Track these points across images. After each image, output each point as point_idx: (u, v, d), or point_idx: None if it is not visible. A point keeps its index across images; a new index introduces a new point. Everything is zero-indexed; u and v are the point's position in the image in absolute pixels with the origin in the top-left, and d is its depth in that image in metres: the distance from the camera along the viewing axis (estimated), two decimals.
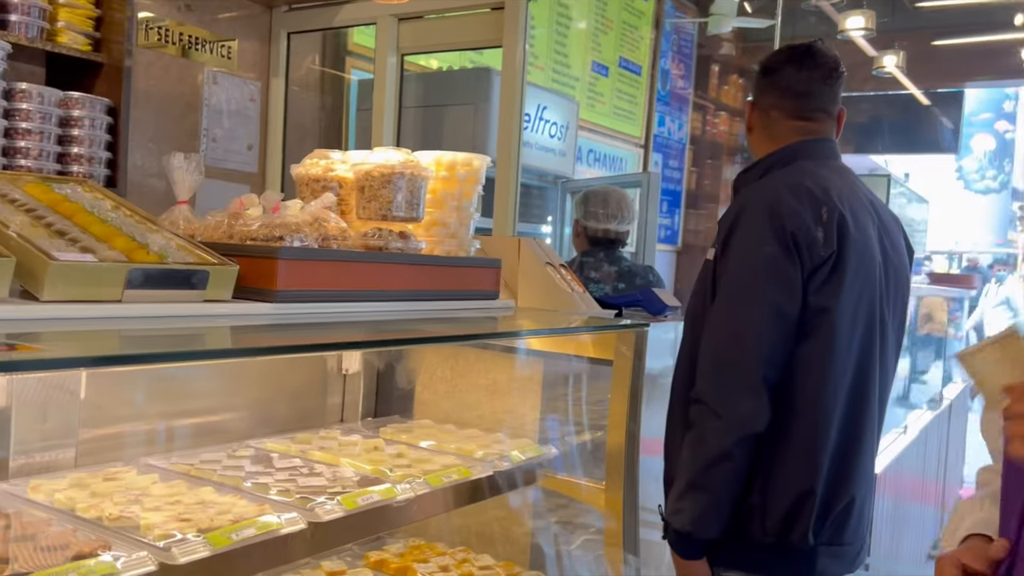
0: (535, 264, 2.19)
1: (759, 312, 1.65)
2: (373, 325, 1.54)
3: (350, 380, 2.14)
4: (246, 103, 3.79)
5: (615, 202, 3.36)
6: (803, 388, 1.69)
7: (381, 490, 1.46)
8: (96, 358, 1.04)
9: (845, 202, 1.75)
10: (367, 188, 1.67)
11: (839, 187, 1.79)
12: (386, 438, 1.87)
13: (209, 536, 1.18)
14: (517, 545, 2.01)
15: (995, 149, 18.15)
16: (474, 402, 2.07)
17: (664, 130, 6.72)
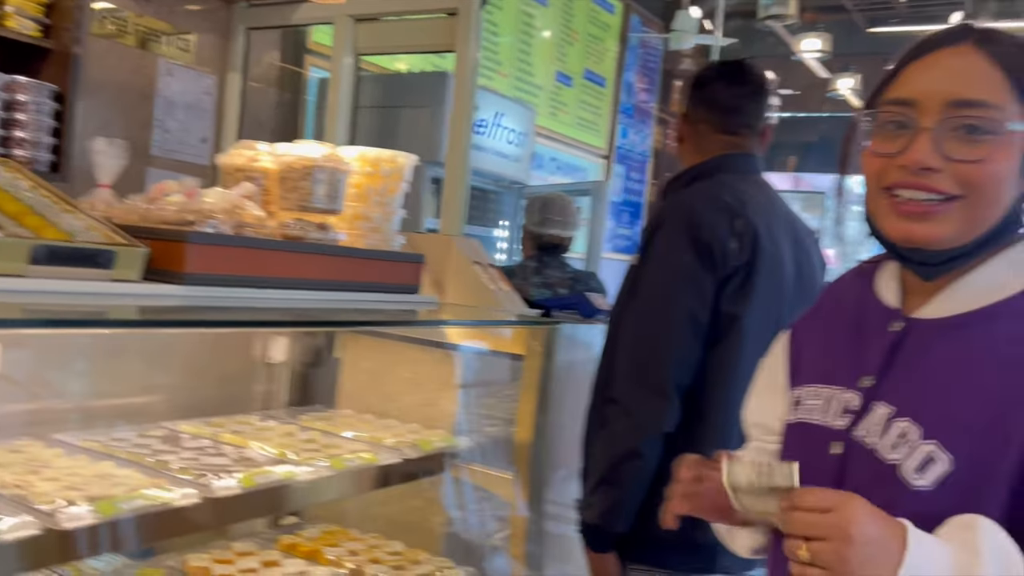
0: (464, 263, 2.24)
1: (672, 317, 1.72)
2: (284, 311, 1.58)
3: (275, 369, 2.18)
4: (201, 96, 3.82)
5: (559, 208, 3.43)
6: (711, 392, 1.76)
7: (282, 471, 1.50)
8: None
9: (760, 214, 1.82)
10: (288, 179, 1.72)
11: (756, 200, 1.86)
12: (302, 425, 1.91)
13: (98, 505, 1.22)
14: (431, 534, 2.06)
15: None
16: (395, 394, 2.12)
17: (627, 142, 6.82)
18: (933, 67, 0.96)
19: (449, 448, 1.86)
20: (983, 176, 0.92)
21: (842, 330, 1.09)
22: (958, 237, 0.95)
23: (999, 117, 0.92)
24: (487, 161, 4.22)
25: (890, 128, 0.96)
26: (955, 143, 0.92)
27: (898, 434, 0.95)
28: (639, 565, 1.82)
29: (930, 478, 0.91)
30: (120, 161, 1.65)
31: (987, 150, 0.92)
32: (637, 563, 1.82)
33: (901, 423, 0.95)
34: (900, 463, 0.94)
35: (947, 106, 0.93)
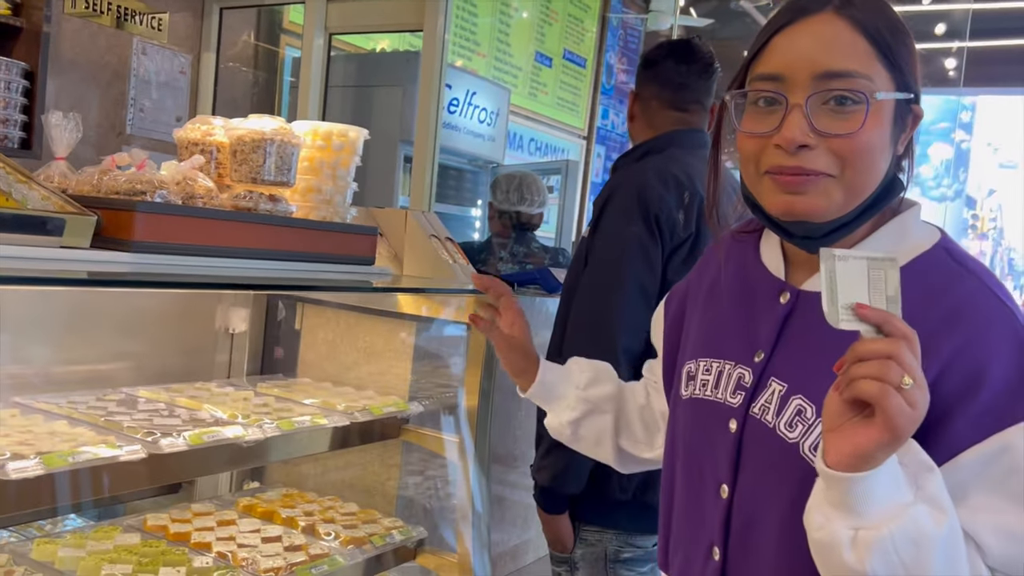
0: (421, 236, 2.31)
1: (622, 288, 1.79)
2: (230, 279, 1.64)
3: (237, 339, 2.25)
4: (176, 75, 3.86)
5: (526, 186, 3.50)
6: None
7: (231, 432, 1.57)
8: None
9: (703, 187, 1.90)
10: (239, 152, 1.78)
11: (703, 174, 1.94)
12: (259, 391, 1.98)
13: (45, 458, 1.29)
14: (386, 496, 2.13)
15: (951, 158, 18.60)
16: (352, 363, 2.19)
17: (607, 123, 6.87)
18: (798, 38, 0.93)
19: (399, 412, 1.93)
20: (857, 149, 0.91)
21: (730, 302, 1.09)
22: (839, 208, 0.94)
23: (868, 86, 0.91)
24: (460, 140, 4.28)
25: (761, 105, 0.95)
26: (826, 117, 0.91)
27: (795, 412, 0.95)
28: (591, 526, 1.90)
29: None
30: (75, 134, 1.70)
31: (859, 120, 0.90)
32: (589, 524, 1.89)
33: (796, 400, 0.95)
34: (799, 442, 0.94)
35: (815, 79, 0.91)
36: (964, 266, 0.95)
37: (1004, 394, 0.86)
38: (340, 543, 1.80)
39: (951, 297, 0.92)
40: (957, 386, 0.87)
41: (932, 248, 0.96)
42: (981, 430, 0.86)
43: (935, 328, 0.88)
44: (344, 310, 2.22)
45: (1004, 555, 0.86)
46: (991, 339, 0.89)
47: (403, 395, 2.08)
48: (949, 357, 0.88)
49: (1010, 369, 0.87)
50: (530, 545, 2.75)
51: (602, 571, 1.91)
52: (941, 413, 0.86)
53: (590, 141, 6.62)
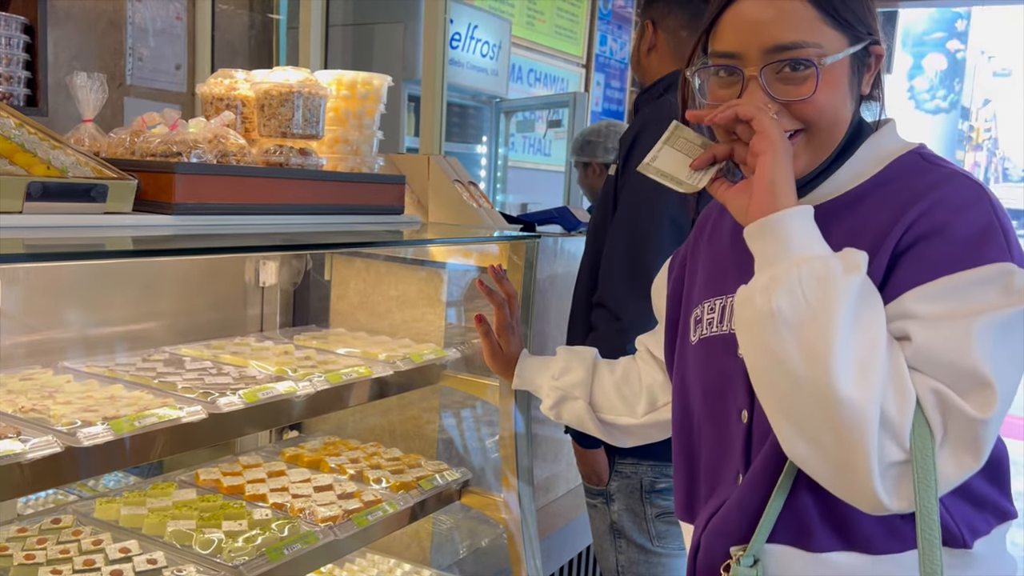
0: (444, 182, 2.30)
1: (656, 224, 1.80)
2: (271, 236, 1.64)
3: (268, 292, 2.26)
4: (172, 21, 3.77)
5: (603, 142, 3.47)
6: None
7: (283, 387, 1.59)
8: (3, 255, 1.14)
9: None
10: (267, 107, 1.76)
11: None
12: (298, 344, 2.00)
13: (113, 423, 1.31)
14: (427, 440, 2.18)
15: (946, 69, 18.37)
16: (385, 312, 2.20)
17: (606, 49, 6.75)
18: (746, 12, 1.00)
19: (439, 360, 1.96)
20: (815, 110, 0.98)
21: (729, 242, 1.15)
22: (811, 163, 1.02)
23: (816, 53, 0.97)
24: (463, 76, 4.21)
25: (723, 75, 1.03)
26: (782, 85, 0.98)
27: None
28: (626, 458, 1.94)
29: None
30: (102, 95, 1.68)
31: (812, 85, 0.97)
32: (624, 456, 1.94)
33: None
34: None
35: (765, 53, 0.98)
36: (935, 163, 1.01)
37: (960, 244, 0.91)
38: (390, 488, 1.84)
39: (921, 182, 0.98)
40: (916, 238, 0.93)
41: (905, 154, 1.03)
42: (929, 272, 0.91)
43: (904, 203, 0.96)
44: (374, 260, 2.22)
45: (927, 345, 0.88)
46: (956, 201, 0.94)
47: (439, 341, 2.10)
48: (914, 218, 0.94)
49: (972, 226, 0.92)
50: (560, 478, 2.82)
51: (638, 502, 1.96)
52: (895, 262, 0.93)
53: (589, 69, 6.52)
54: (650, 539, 1.95)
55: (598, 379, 1.43)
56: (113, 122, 1.70)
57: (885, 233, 0.96)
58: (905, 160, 1.03)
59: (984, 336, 0.88)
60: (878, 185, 1.02)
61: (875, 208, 0.99)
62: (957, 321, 0.88)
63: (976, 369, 0.87)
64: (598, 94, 6.65)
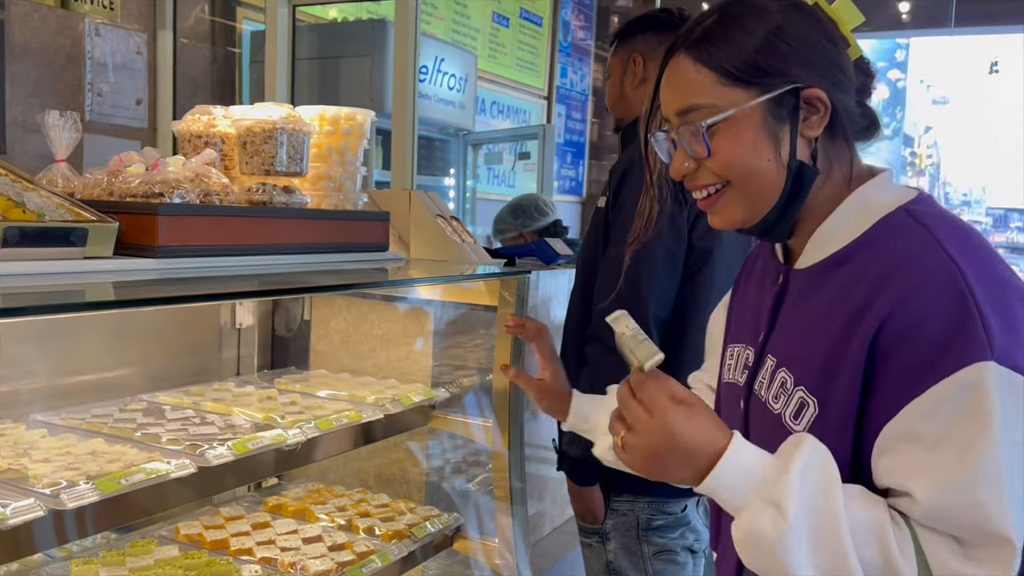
0: (426, 216, 2.25)
1: (651, 255, 1.78)
2: (258, 278, 1.58)
3: (244, 334, 2.18)
4: (132, 56, 3.69)
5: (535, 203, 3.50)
6: (687, 321, 1.85)
7: (272, 435, 1.52)
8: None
9: None
10: (249, 144, 1.70)
11: None
12: (280, 388, 1.92)
13: (98, 482, 1.23)
14: (413, 484, 2.11)
15: (888, 97, 18.94)
16: (368, 352, 2.14)
17: (567, 81, 6.80)
18: (666, 82, 1.06)
19: (428, 400, 1.90)
20: (721, 165, 1.01)
21: (753, 289, 1.16)
22: (752, 212, 1.02)
23: (707, 113, 1.00)
24: (431, 109, 4.19)
25: (669, 143, 1.07)
26: (694, 145, 1.02)
27: (779, 384, 1.01)
28: (623, 496, 1.90)
29: (803, 423, 0.96)
30: (75, 134, 1.60)
31: (717, 141, 1.00)
32: (623, 493, 1.90)
33: (781, 373, 1.01)
34: (782, 412, 0.99)
35: (676, 116, 1.03)
36: (919, 221, 0.96)
37: (940, 346, 0.87)
38: (382, 537, 1.77)
39: (894, 253, 0.94)
40: (895, 340, 0.89)
41: (894, 211, 0.98)
42: (918, 383, 0.87)
43: (875, 285, 0.92)
44: (356, 298, 2.16)
45: (935, 506, 0.86)
46: (927, 293, 0.89)
47: (425, 381, 2.04)
48: (888, 311, 0.90)
49: (947, 320, 0.87)
50: (545, 516, 2.76)
51: (634, 540, 1.91)
52: (883, 369, 0.89)
53: (551, 101, 6.55)
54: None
55: None
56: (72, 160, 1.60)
57: (859, 316, 0.92)
58: (892, 220, 0.98)
59: (989, 476, 0.85)
60: (860, 247, 0.98)
61: (854, 278, 0.96)
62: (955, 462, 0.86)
63: (989, 528, 0.85)
64: (560, 126, 6.68)
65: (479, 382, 2.03)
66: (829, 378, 0.94)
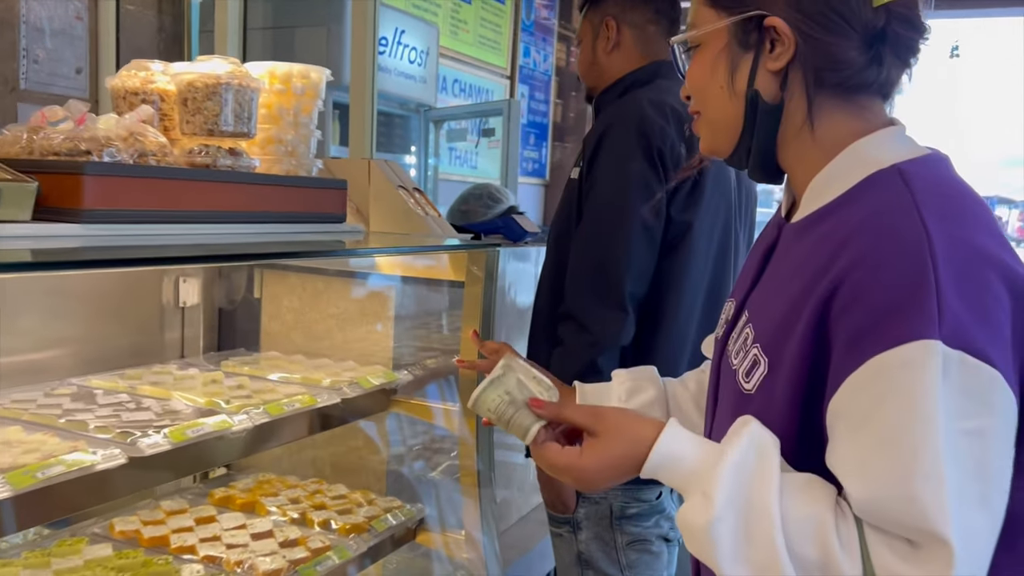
0: (387, 187, 2.10)
1: (627, 230, 1.68)
2: (198, 248, 1.42)
3: (189, 313, 2.01)
4: (71, 21, 3.45)
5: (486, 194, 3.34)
6: (664, 301, 1.75)
7: (214, 422, 1.37)
8: None
9: None
10: (190, 101, 1.54)
11: None
12: (227, 371, 1.77)
13: (9, 476, 1.08)
14: (373, 473, 1.97)
15: None
16: (324, 332, 1.99)
17: (530, 61, 6.64)
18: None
19: (389, 384, 1.76)
20: (688, 86, 1.03)
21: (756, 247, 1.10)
22: (717, 141, 1.02)
23: (690, 36, 1.01)
24: (390, 83, 4.01)
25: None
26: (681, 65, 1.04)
27: (743, 339, 0.96)
28: None
29: (753, 382, 0.91)
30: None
31: (690, 64, 1.02)
32: None
33: (747, 329, 0.96)
34: (738, 368, 0.95)
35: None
36: (906, 182, 0.87)
37: (884, 315, 0.79)
38: (339, 532, 1.63)
39: (866, 211, 0.86)
40: (844, 305, 0.82)
41: (886, 168, 0.89)
42: (858, 355, 0.80)
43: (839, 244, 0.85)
44: (310, 274, 2.01)
45: (866, 499, 0.79)
46: (884, 256, 0.81)
47: (386, 363, 1.90)
48: (843, 273, 0.82)
49: (898, 289, 0.79)
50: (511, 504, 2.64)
51: (607, 529, 1.81)
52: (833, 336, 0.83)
53: (513, 81, 6.40)
54: (620, 569, 1.81)
55: (673, 397, 1.29)
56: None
57: (819, 276, 0.85)
58: (880, 177, 0.89)
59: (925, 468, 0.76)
60: (842, 204, 0.90)
61: (825, 235, 0.89)
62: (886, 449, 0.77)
63: (925, 526, 0.76)
64: (523, 106, 6.53)
65: (444, 363, 1.90)
66: (783, 339, 0.87)
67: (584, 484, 0.94)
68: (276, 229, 1.64)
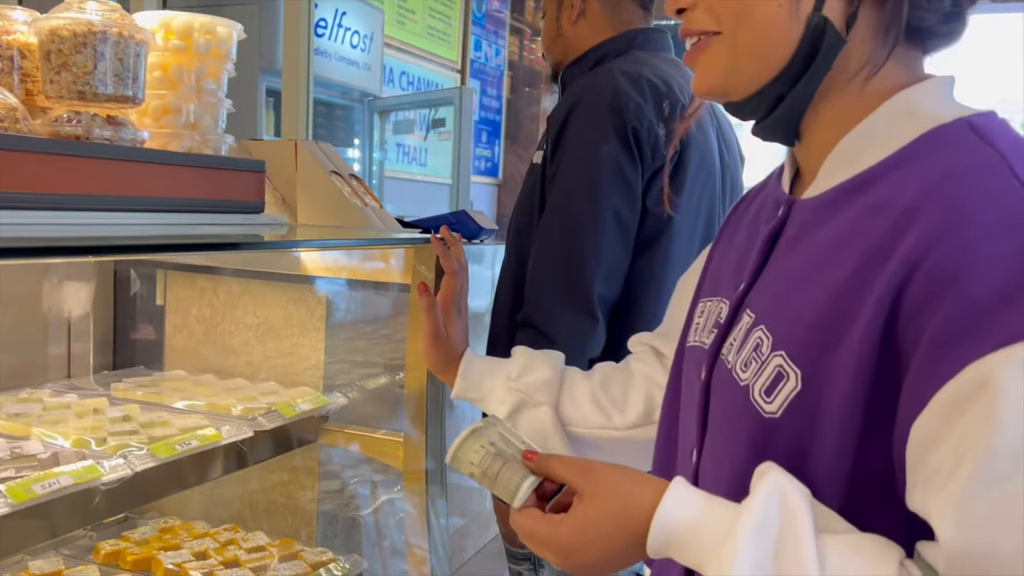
0: (318, 173, 1.78)
1: (597, 222, 1.46)
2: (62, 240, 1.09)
3: (76, 325, 1.66)
4: None
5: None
6: (638, 306, 1.52)
7: (77, 470, 1.04)
8: None
9: (685, 96, 1.57)
10: (54, 54, 1.20)
11: (678, 80, 1.61)
12: (116, 396, 1.43)
13: None
14: (302, 515, 1.64)
15: None
16: (241, 346, 1.66)
17: (481, 55, 6.36)
18: None
19: (319, 410, 1.44)
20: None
21: (741, 233, 0.90)
22: (739, 75, 0.76)
23: None
24: (331, 68, 3.69)
25: None
26: None
27: (752, 347, 0.75)
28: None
29: (777, 401, 0.70)
30: None
31: None
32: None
33: (757, 332, 0.75)
34: (751, 383, 0.73)
35: None
36: (985, 139, 0.68)
37: (987, 304, 0.59)
38: None
39: (940, 172, 0.66)
40: (929, 294, 0.62)
41: (950, 123, 0.70)
42: (952, 360, 0.60)
43: (906, 214, 0.65)
44: (223, 276, 1.67)
45: (960, 553, 0.59)
46: (980, 226, 0.62)
47: (316, 384, 1.58)
48: (918, 256, 0.63)
49: (1002, 269, 0.60)
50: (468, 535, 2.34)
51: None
52: (910, 343, 0.62)
53: (464, 75, 6.11)
54: None
55: (568, 383, 1.13)
56: None
57: (879, 257, 0.66)
58: (945, 133, 0.70)
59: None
60: (894, 166, 0.70)
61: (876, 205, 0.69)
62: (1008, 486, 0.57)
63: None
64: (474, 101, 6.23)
65: (388, 383, 1.58)
66: (822, 343, 0.68)
67: (572, 563, 0.74)
68: (171, 219, 1.30)
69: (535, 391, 1.12)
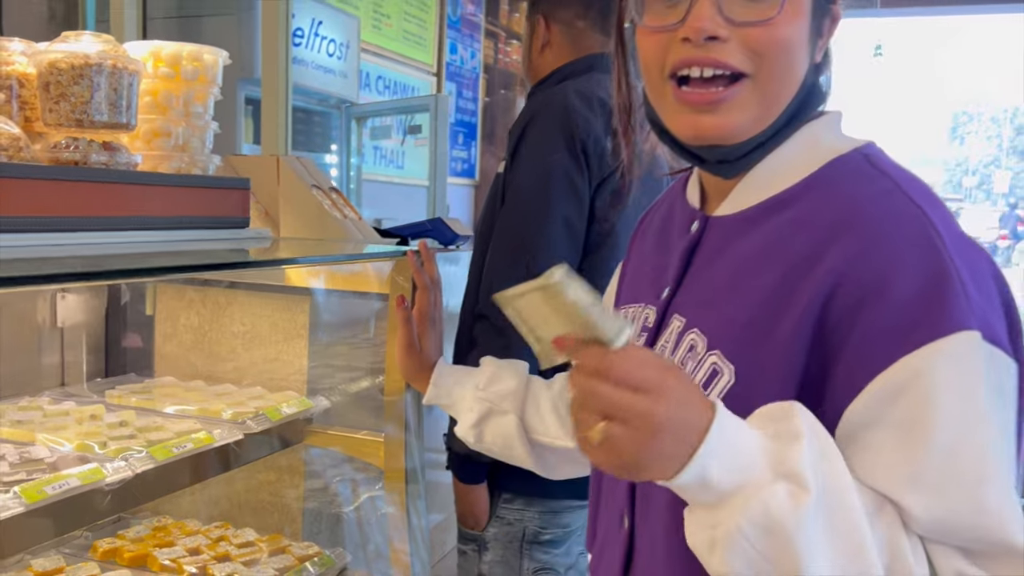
0: (298, 187, 1.87)
1: (548, 225, 1.55)
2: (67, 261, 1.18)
3: (70, 335, 1.74)
4: None
5: None
6: None
7: (84, 472, 1.13)
8: None
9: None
10: (53, 85, 1.28)
11: None
12: (111, 403, 1.52)
13: None
14: (288, 513, 1.74)
15: None
16: (228, 353, 1.75)
17: (456, 58, 6.44)
18: None
19: (304, 413, 1.53)
20: (775, 40, 0.78)
21: (654, 241, 0.99)
22: (754, 124, 0.81)
23: None
24: (308, 76, 3.76)
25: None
26: (738, 5, 0.78)
27: (687, 348, 0.83)
28: (514, 503, 1.65)
29: (713, 395, 0.77)
30: None
31: (775, 6, 0.77)
32: (508, 491, 1.65)
33: (691, 335, 0.83)
34: None
35: None
36: (880, 169, 0.80)
37: (911, 307, 0.71)
38: None
39: (852, 200, 0.78)
40: (856, 300, 0.73)
41: (848, 153, 0.82)
42: (883, 355, 0.71)
43: (829, 232, 0.76)
44: (211, 287, 1.76)
45: (936, 517, 0.70)
46: (895, 243, 0.74)
47: (300, 388, 1.67)
48: (844, 268, 0.74)
49: (918, 277, 0.72)
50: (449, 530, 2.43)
51: (515, 554, 1.67)
52: (840, 340, 0.73)
53: (440, 78, 6.18)
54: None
55: (532, 393, 1.21)
56: None
57: (804, 268, 0.76)
58: (846, 162, 0.81)
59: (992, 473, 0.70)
60: (807, 189, 0.81)
61: (797, 223, 0.79)
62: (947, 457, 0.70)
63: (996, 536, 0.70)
64: (451, 104, 6.31)
65: (369, 386, 1.68)
66: (754, 342, 0.77)
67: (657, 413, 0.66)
68: (163, 237, 1.39)
69: (501, 400, 1.19)
